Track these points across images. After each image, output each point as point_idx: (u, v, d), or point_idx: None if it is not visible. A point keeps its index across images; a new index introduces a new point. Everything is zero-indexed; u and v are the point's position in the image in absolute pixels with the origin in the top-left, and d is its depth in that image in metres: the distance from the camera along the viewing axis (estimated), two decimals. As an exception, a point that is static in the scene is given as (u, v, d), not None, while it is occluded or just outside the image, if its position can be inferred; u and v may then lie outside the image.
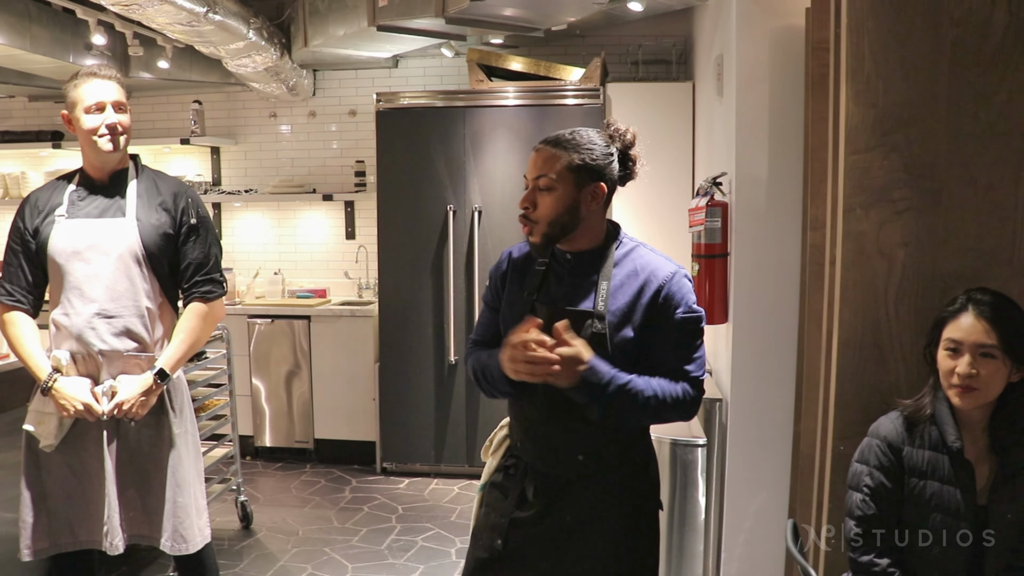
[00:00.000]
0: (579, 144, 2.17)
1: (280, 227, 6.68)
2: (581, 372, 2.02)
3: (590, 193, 2.18)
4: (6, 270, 2.96)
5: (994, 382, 2.09)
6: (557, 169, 2.16)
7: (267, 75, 5.75)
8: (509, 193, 5.42)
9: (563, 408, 2.20)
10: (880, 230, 2.45)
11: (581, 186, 2.16)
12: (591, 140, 2.19)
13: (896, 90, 2.40)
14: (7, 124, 6.95)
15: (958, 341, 2.11)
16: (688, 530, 3.27)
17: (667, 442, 3.18)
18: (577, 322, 2.13)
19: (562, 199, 2.16)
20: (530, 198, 2.20)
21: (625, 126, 2.26)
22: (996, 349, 2.07)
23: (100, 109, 2.87)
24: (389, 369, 5.68)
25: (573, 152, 2.16)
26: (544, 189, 2.17)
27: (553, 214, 2.17)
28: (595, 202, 2.19)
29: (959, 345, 2.11)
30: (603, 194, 2.20)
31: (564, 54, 6.07)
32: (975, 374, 2.07)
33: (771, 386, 3.58)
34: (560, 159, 2.16)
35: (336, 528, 4.83)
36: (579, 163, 2.15)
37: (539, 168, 2.19)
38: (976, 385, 2.08)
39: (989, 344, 2.07)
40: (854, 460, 2.26)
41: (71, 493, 2.94)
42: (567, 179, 2.16)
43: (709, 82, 4.41)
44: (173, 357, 2.95)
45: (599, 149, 2.18)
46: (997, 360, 2.07)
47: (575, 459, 2.23)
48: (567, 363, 2.00)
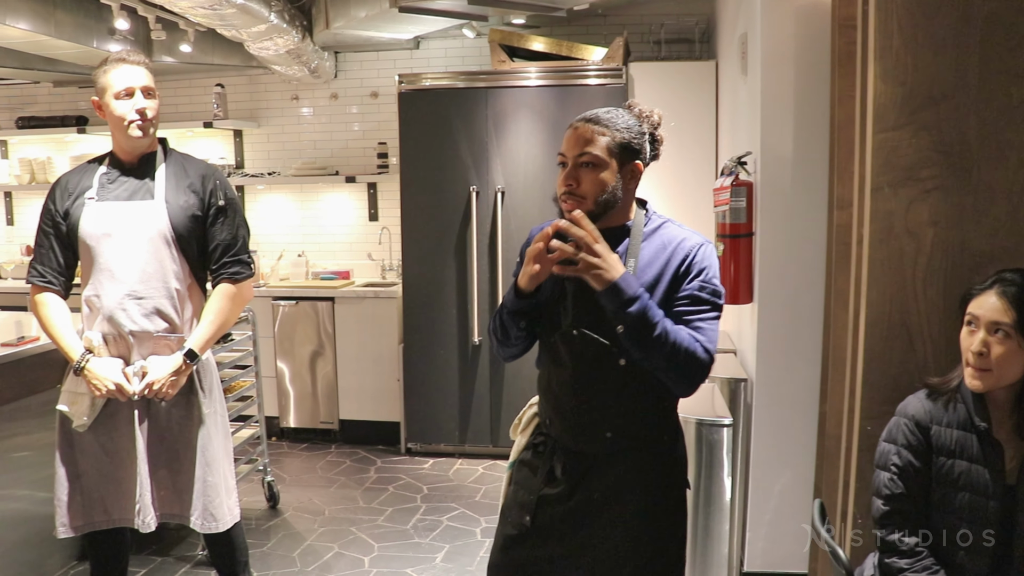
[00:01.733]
0: (618, 123, 2.17)
1: (303, 209, 6.71)
2: (615, 279, 2.02)
3: (630, 171, 2.19)
4: (37, 252, 3.00)
5: (1009, 364, 2.06)
6: (601, 146, 2.15)
7: (289, 58, 5.76)
8: (532, 174, 5.41)
9: (592, 386, 2.22)
10: (908, 209, 2.44)
11: (623, 164, 2.17)
12: (627, 120, 2.19)
13: (925, 67, 2.38)
14: (33, 110, 7.00)
15: (976, 316, 2.10)
16: (714, 510, 3.27)
17: (692, 422, 3.17)
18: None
19: (606, 176, 2.16)
20: (573, 175, 2.17)
21: (650, 108, 2.26)
22: (1011, 328, 2.04)
23: (129, 94, 2.90)
24: (413, 350, 5.70)
25: (615, 130, 2.16)
26: (587, 165, 2.15)
27: (598, 191, 2.15)
28: (633, 181, 2.21)
29: (976, 320, 2.10)
30: (640, 173, 2.21)
31: (586, 33, 6.04)
32: (985, 353, 2.05)
33: (796, 366, 3.58)
34: (603, 136, 2.15)
35: (362, 508, 4.87)
36: (621, 141, 2.16)
37: (581, 145, 2.16)
38: (988, 366, 2.06)
39: (1004, 323, 2.04)
40: (881, 439, 2.26)
41: (104, 472, 2.99)
42: (611, 157, 2.16)
43: (733, 61, 4.38)
44: (202, 338, 2.98)
45: (636, 128, 2.19)
46: (1012, 340, 2.04)
47: (603, 436, 2.24)
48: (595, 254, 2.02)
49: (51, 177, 6.69)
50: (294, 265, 6.44)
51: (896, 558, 2.13)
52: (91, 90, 3.00)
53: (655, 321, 2.04)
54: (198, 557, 4.12)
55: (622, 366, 2.18)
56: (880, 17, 2.39)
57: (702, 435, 3.20)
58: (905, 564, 2.11)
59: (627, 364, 2.18)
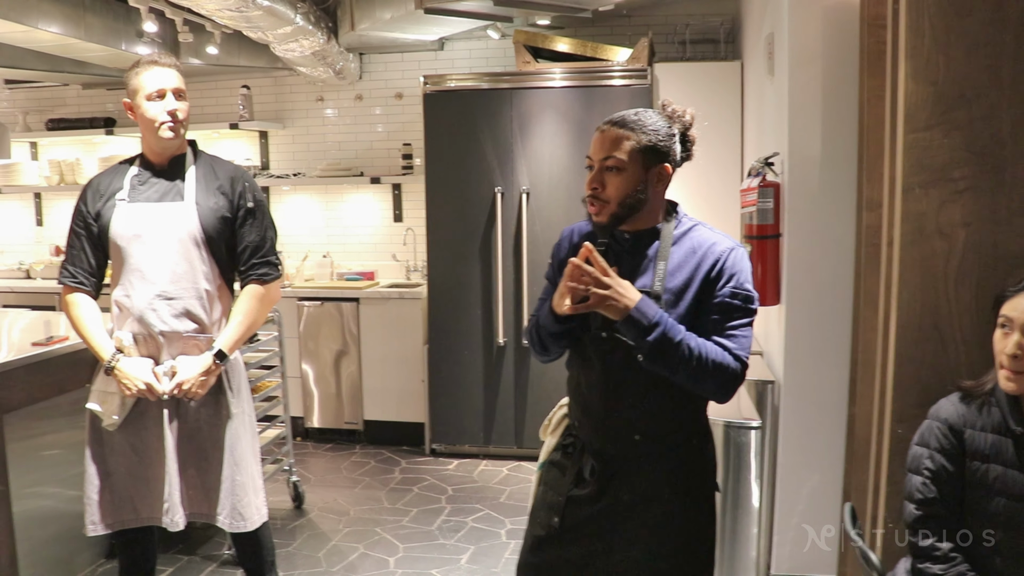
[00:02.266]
0: (645, 125, 2.16)
1: (328, 210, 6.74)
2: (629, 309, 2.04)
3: (656, 174, 2.18)
4: (69, 253, 3.03)
5: None
6: (626, 150, 2.15)
7: (314, 59, 5.78)
8: (557, 175, 5.41)
9: (620, 388, 2.21)
10: (940, 210, 2.41)
11: (648, 167, 2.17)
12: (656, 121, 2.18)
13: (957, 66, 2.36)
14: (62, 112, 7.07)
15: (1010, 319, 2.08)
16: (741, 512, 3.26)
17: (720, 424, 3.16)
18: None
19: (631, 180, 2.16)
20: (598, 178, 2.19)
21: (683, 107, 2.25)
22: None
23: (161, 96, 2.93)
24: (438, 351, 5.71)
25: (640, 133, 2.15)
26: (612, 169, 2.16)
27: (623, 194, 2.16)
28: (661, 183, 2.20)
29: (1009, 323, 2.08)
30: (668, 175, 2.20)
31: (610, 34, 6.03)
32: (1020, 355, 2.03)
33: (824, 368, 3.55)
34: (628, 140, 2.16)
35: (386, 509, 4.89)
36: (647, 144, 2.15)
37: (606, 149, 2.17)
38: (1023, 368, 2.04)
39: None
40: (914, 443, 2.24)
41: (133, 471, 3.01)
42: (636, 160, 2.16)
43: (759, 61, 4.36)
44: (232, 338, 3.00)
45: (664, 130, 2.18)
46: None
47: (631, 439, 2.24)
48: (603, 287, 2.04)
49: (80, 178, 6.76)
50: (319, 266, 6.47)
51: (929, 563, 2.11)
52: (119, 92, 3.04)
53: (677, 341, 2.05)
54: (224, 556, 4.14)
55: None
56: (911, 16, 2.37)
57: (730, 437, 3.18)
58: (939, 570, 2.09)
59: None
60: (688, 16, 5.84)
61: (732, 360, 2.10)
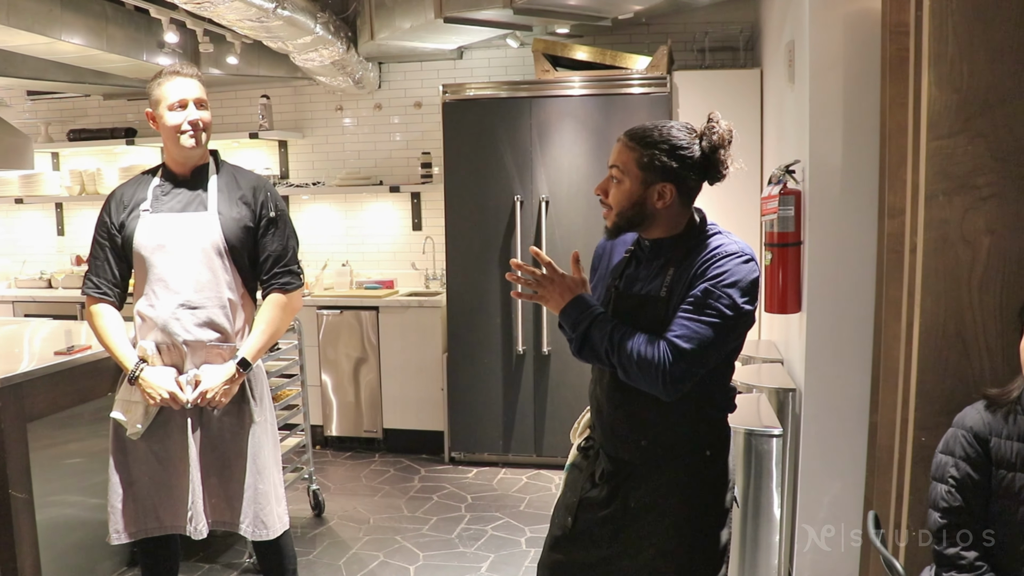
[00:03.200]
0: (655, 142, 2.16)
1: (347, 219, 6.76)
2: (564, 303, 2.20)
3: (657, 192, 2.17)
4: (93, 264, 3.05)
5: None
6: (626, 163, 2.19)
7: (333, 69, 5.81)
8: (576, 183, 5.41)
9: (627, 392, 2.22)
10: (964, 217, 2.40)
11: (648, 184, 2.17)
12: (669, 138, 2.16)
13: (981, 73, 2.34)
14: (83, 122, 7.13)
15: None
16: (763, 520, 3.24)
17: (741, 432, 3.15)
18: (637, 305, 2.21)
19: (627, 193, 2.19)
20: (603, 186, 2.25)
21: (722, 126, 2.18)
22: None
23: (183, 106, 2.96)
24: (457, 359, 5.72)
25: (645, 149, 2.16)
26: (613, 179, 2.22)
27: (619, 206, 2.21)
28: (661, 201, 2.18)
29: None
30: (671, 195, 2.18)
31: (629, 42, 6.04)
32: None
33: (846, 376, 3.53)
34: (631, 154, 2.18)
35: (406, 517, 4.89)
36: (646, 161, 2.16)
37: (613, 158, 2.23)
38: None
39: None
40: (938, 451, 2.22)
41: (156, 479, 3.03)
42: (634, 175, 2.18)
43: (779, 68, 4.35)
44: (255, 347, 3.02)
45: (674, 149, 2.15)
46: None
47: (638, 444, 2.25)
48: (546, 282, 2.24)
49: (101, 188, 6.82)
50: (338, 274, 6.49)
51: (955, 572, 2.10)
52: (139, 102, 3.08)
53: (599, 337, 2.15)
54: (245, 564, 4.16)
55: None
56: (935, 23, 2.36)
57: (751, 445, 3.17)
58: (964, 578, 2.08)
59: None
60: (707, 24, 5.83)
61: (668, 353, 2.06)
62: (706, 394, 2.23)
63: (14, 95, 7.22)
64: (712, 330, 2.07)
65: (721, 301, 2.08)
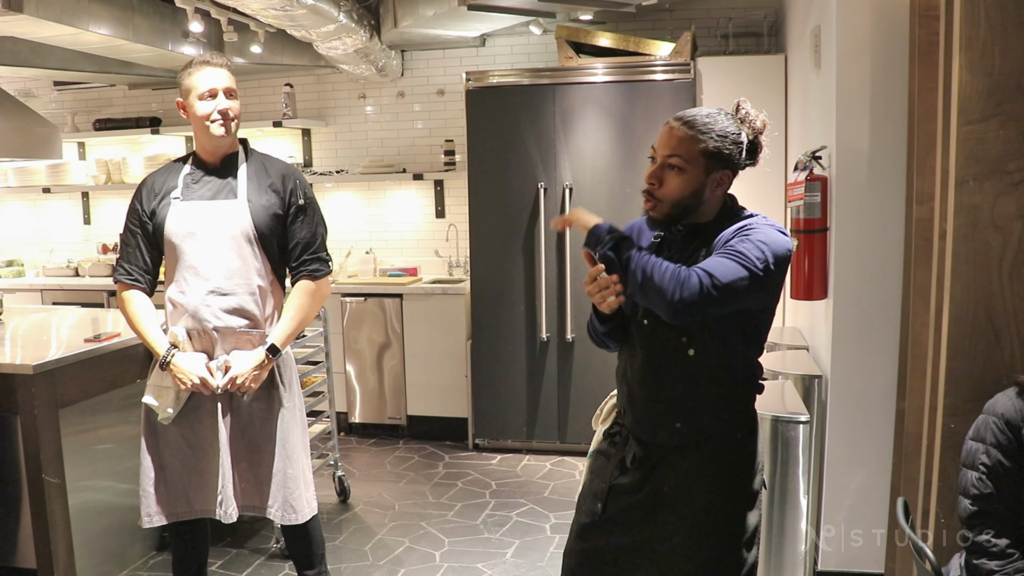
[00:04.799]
0: (714, 130, 2.15)
1: (371, 207, 6.78)
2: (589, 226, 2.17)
3: (716, 180, 2.17)
4: (124, 251, 3.09)
5: None
6: (691, 152, 2.14)
7: (357, 57, 5.82)
8: (600, 170, 5.40)
9: (662, 375, 2.23)
10: (995, 203, 2.38)
11: (710, 171, 2.16)
12: (725, 127, 2.16)
13: (1014, 57, 2.32)
14: (108, 112, 7.18)
15: None
16: (789, 508, 3.24)
17: (768, 418, 3.14)
18: None
19: (690, 182, 2.15)
20: (657, 175, 2.18)
21: (756, 112, 2.21)
22: None
23: (212, 96, 2.98)
24: (481, 346, 5.74)
25: (708, 138, 2.14)
26: (673, 168, 2.16)
27: (679, 195, 2.16)
28: (720, 188, 2.20)
29: None
30: (729, 182, 2.20)
31: (652, 29, 6.01)
32: None
33: (873, 363, 3.52)
34: (695, 142, 2.14)
35: (431, 503, 4.92)
36: (713, 150, 2.14)
37: (672, 147, 2.16)
38: None
39: None
40: (968, 438, 2.22)
41: (187, 464, 3.07)
42: (699, 164, 2.15)
43: (804, 54, 4.33)
44: (284, 333, 3.04)
45: (732, 137, 2.16)
46: None
47: (673, 426, 2.25)
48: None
49: (126, 177, 6.86)
50: (362, 262, 6.52)
51: (985, 559, 2.09)
52: (164, 92, 3.10)
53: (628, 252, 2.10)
54: (272, 549, 4.20)
55: (691, 356, 2.19)
56: (966, 6, 2.34)
57: (778, 432, 3.17)
58: (996, 566, 2.07)
59: (696, 354, 2.18)
60: (731, 10, 5.80)
61: (686, 273, 2.02)
62: (736, 375, 2.24)
63: (41, 85, 7.28)
64: (740, 273, 2.03)
65: (753, 253, 2.05)
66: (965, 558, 2.18)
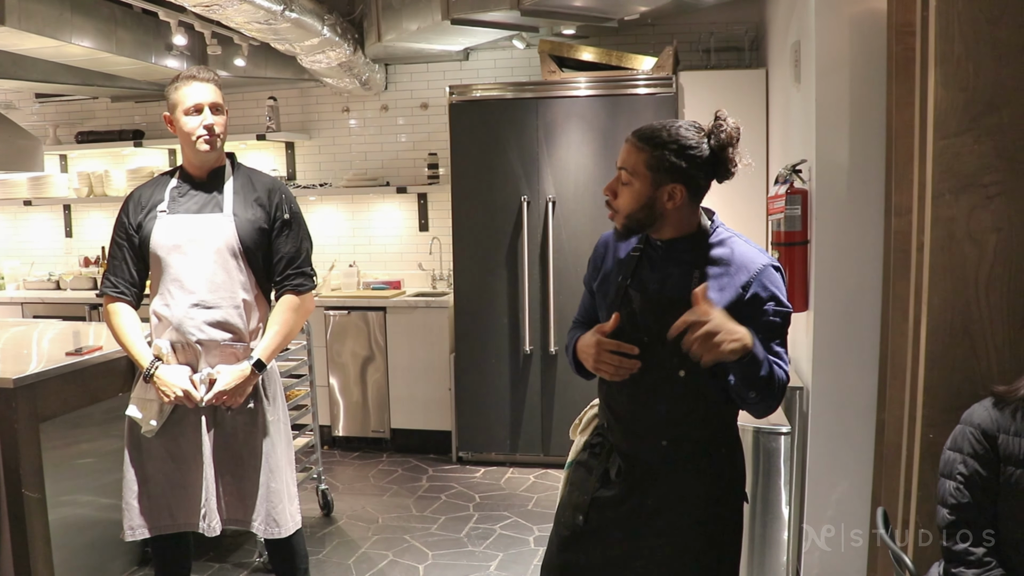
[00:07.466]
0: (663, 142, 2.13)
1: (354, 220, 6.79)
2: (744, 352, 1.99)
3: (667, 192, 2.15)
4: (111, 264, 3.09)
5: None
6: (635, 164, 2.16)
7: (340, 70, 5.84)
8: (583, 183, 5.43)
9: (649, 393, 2.23)
10: (970, 216, 2.41)
11: (659, 184, 2.15)
12: (678, 138, 2.14)
13: (988, 72, 2.36)
14: (91, 124, 7.16)
15: None
16: (771, 518, 3.26)
17: (750, 430, 3.17)
18: (668, 305, 2.15)
19: (637, 195, 2.17)
20: (612, 187, 2.22)
21: (730, 124, 2.17)
22: None
23: (198, 111, 2.99)
24: (464, 359, 5.74)
25: (654, 149, 2.13)
26: (624, 181, 2.19)
27: (629, 208, 2.18)
28: (672, 202, 2.16)
29: None
30: (681, 195, 2.16)
31: (635, 43, 6.05)
32: None
33: (853, 374, 3.55)
34: (641, 155, 2.15)
35: (415, 516, 4.91)
36: (656, 162, 2.13)
37: (622, 160, 2.20)
38: None
39: None
40: (946, 448, 2.24)
41: (170, 477, 3.06)
42: (644, 176, 2.15)
43: (784, 68, 4.37)
44: (269, 347, 3.05)
45: (683, 149, 2.13)
46: None
47: (659, 444, 2.25)
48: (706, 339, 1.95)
49: (109, 190, 6.84)
50: (345, 275, 6.52)
51: (963, 568, 2.11)
52: (147, 105, 3.12)
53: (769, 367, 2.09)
54: (255, 564, 4.18)
55: (681, 377, 2.19)
56: (941, 23, 2.38)
57: (759, 443, 3.19)
58: (973, 574, 2.09)
59: (687, 375, 2.18)
60: (712, 24, 5.85)
61: (783, 375, 2.15)
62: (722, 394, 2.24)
63: (23, 98, 7.26)
64: (786, 353, 2.22)
65: (787, 319, 2.20)
66: (944, 567, 2.20)
